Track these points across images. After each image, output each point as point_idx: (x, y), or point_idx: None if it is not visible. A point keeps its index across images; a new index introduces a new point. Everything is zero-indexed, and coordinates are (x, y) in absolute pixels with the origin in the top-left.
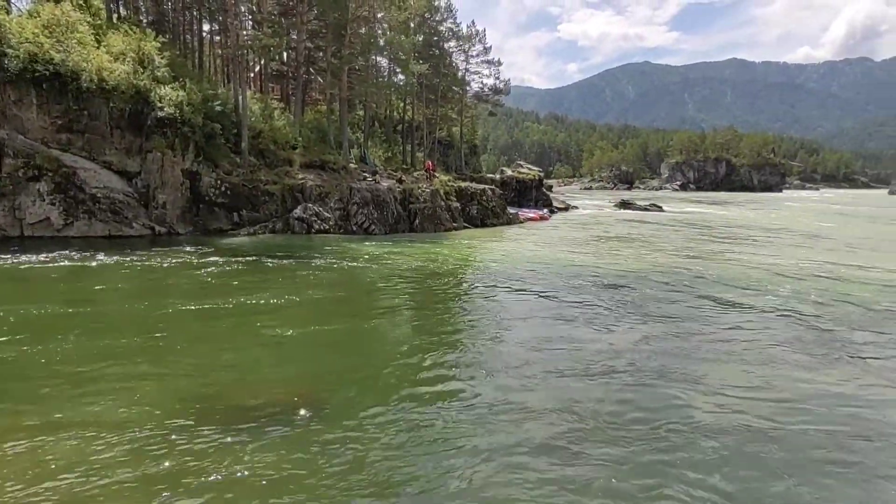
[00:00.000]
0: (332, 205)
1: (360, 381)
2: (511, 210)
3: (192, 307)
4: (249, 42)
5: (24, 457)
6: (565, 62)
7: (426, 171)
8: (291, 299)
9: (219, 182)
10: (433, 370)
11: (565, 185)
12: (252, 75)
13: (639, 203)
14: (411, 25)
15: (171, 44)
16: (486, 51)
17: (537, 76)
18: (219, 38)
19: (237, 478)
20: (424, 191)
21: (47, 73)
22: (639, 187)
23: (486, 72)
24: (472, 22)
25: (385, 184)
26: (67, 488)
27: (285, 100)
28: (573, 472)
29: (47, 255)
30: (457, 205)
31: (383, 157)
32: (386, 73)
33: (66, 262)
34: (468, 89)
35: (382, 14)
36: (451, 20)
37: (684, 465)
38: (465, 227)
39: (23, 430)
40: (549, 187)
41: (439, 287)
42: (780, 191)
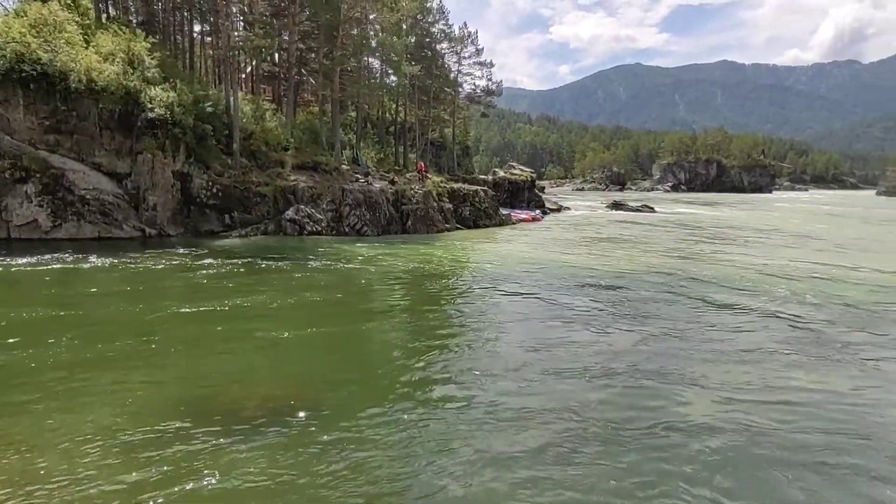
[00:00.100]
0: (324, 206)
1: (356, 383)
2: (503, 211)
3: (186, 310)
4: (241, 43)
5: (16, 463)
6: (557, 64)
7: (418, 172)
8: (286, 301)
9: (210, 184)
10: (429, 372)
11: (557, 186)
12: (243, 76)
13: (631, 204)
14: (403, 27)
15: (161, 44)
16: (479, 52)
17: (529, 78)
18: (210, 38)
19: (232, 481)
20: (417, 192)
21: (34, 73)
22: (630, 188)
23: (478, 73)
24: (465, 23)
25: (377, 185)
26: (59, 494)
27: (277, 101)
28: (572, 472)
29: (37, 257)
30: (449, 206)
31: (375, 158)
32: (378, 75)
33: (56, 265)
34: (460, 90)
35: (374, 15)
36: (443, 22)
37: (683, 465)
38: (457, 229)
39: (15, 436)
40: (542, 188)
41: (434, 289)
42: (769, 192)
